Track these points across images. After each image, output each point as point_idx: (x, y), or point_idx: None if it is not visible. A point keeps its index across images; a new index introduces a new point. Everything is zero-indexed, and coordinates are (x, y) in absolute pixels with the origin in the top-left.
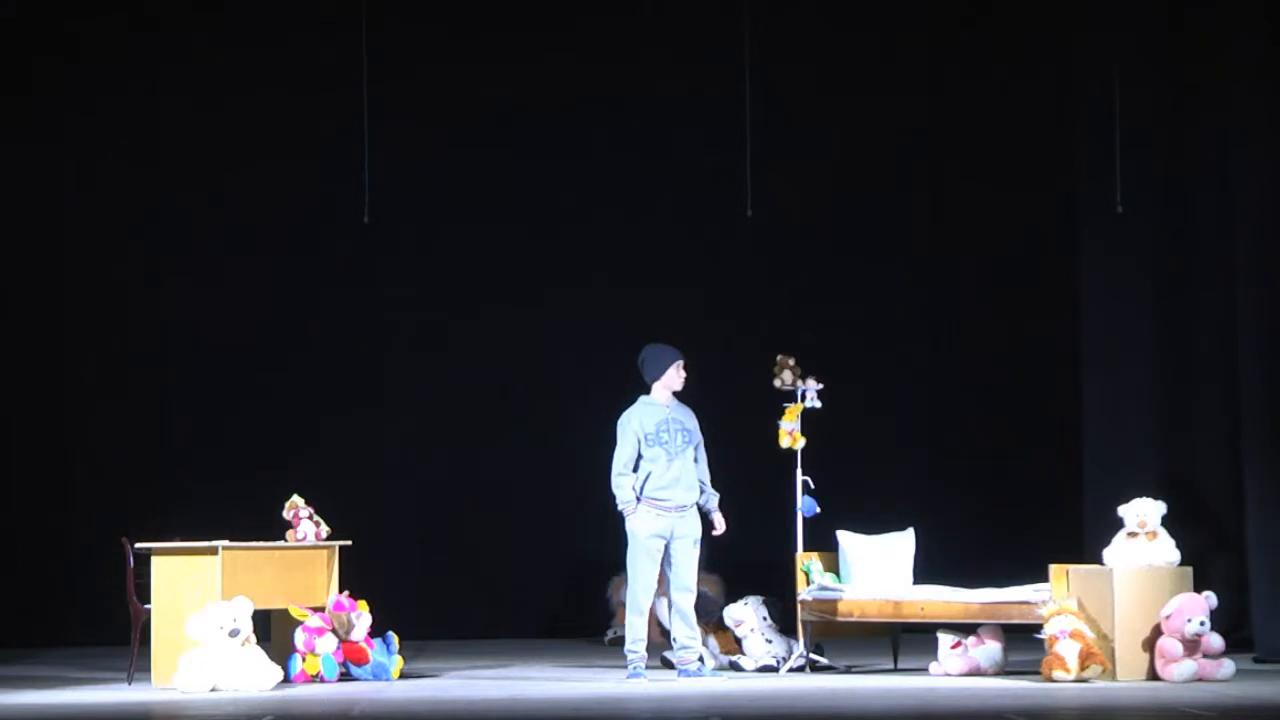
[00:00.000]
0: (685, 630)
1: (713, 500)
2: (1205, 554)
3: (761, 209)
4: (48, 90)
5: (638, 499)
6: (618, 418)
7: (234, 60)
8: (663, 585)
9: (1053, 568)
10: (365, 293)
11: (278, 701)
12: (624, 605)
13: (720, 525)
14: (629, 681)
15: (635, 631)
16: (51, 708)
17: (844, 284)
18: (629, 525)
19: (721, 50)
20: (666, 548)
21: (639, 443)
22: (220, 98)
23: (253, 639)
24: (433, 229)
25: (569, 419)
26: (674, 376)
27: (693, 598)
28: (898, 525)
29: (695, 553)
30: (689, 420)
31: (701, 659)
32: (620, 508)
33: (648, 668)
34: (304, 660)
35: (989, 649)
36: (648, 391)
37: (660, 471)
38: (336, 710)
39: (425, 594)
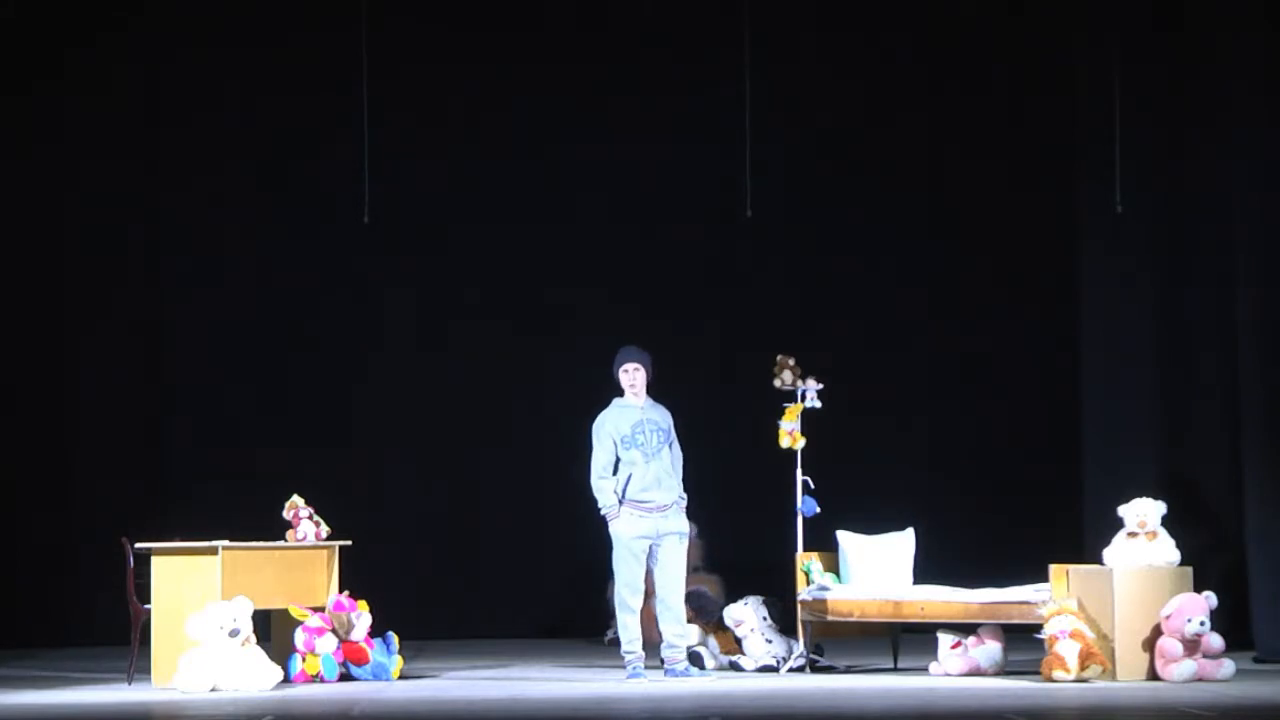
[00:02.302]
0: (675, 629)
1: (679, 504)
2: (1205, 554)
3: (761, 209)
4: (47, 90)
5: (620, 501)
6: None
7: (234, 60)
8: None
9: (1053, 568)
10: (365, 293)
11: (278, 701)
12: None
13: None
14: (629, 682)
15: (629, 632)
16: (51, 708)
17: (844, 284)
18: (612, 529)
19: (721, 50)
20: (652, 548)
21: (615, 446)
22: (220, 97)
23: (253, 639)
24: (433, 229)
25: (568, 418)
26: (621, 379)
27: (681, 595)
28: (898, 525)
29: (683, 548)
30: (664, 419)
31: (696, 659)
32: (603, 512)
33: (647, 667)
34: (304, 660)
35: (989, 649)
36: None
37: (640, 473)
38: (336, 710)
39: (425, 594)
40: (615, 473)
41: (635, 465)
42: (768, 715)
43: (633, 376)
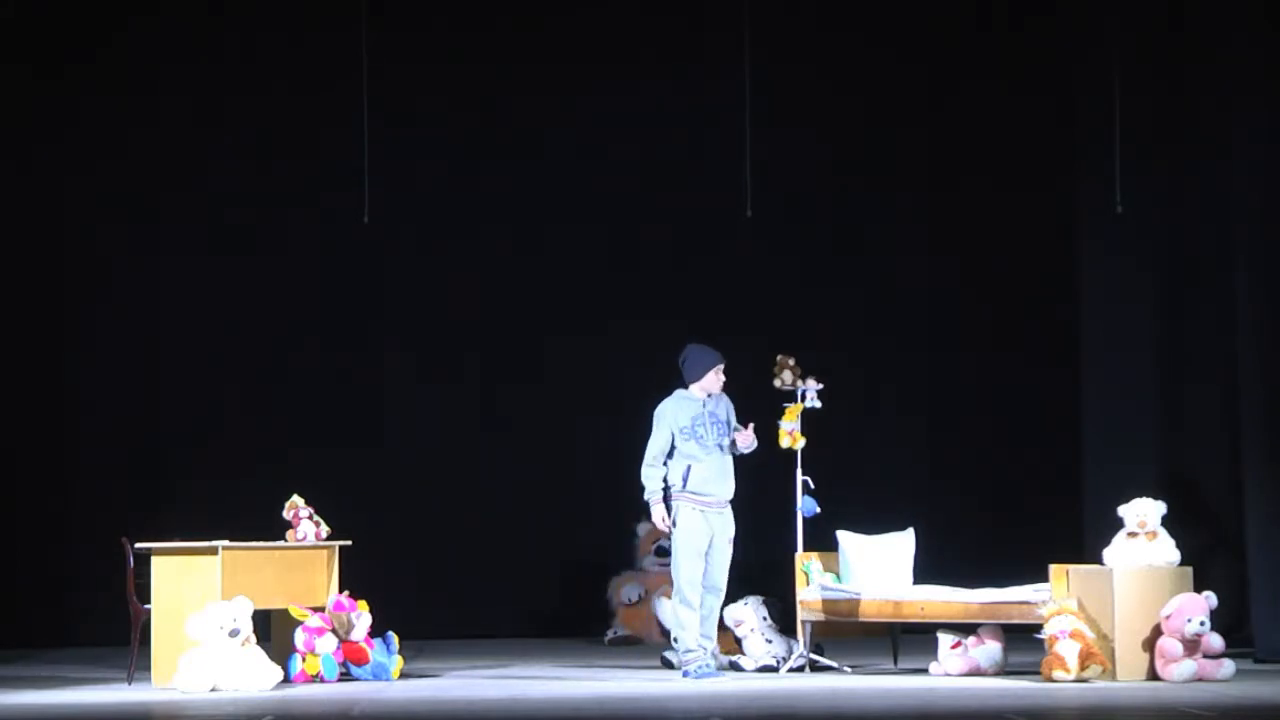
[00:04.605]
0: (704, 630)
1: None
2: (1205, 554)
3: (761, 209)
4: (46, 90)
5: (681, 490)
6: (618, 417)
7: (234, 60)
8: (663, 584)
9: (1053, 568)
10: (365, 293)
11: (278, 701)
12: (624, 605)
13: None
14: (702, 681)
15: (691, 631)
16: (51, 708)
17: (844, 284)
18: (678, 520)
19: (722, 50)
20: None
21: (673, 436)
22: (220, 98)
23: (253, 639)
24: (433, 229)
25: (569, 418)
26: (712, 380)
27: (721, 599)
28: (898, 525)
29: (729, 552)
30: (724, 412)
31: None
32: (645, 498)
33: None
34: (304, 660)
35: (989, 649)
36: (684, 386)
37: (700, 466)
38: (336, 710)
39: (425, 594)
40: (669, 462)
41: (695, 458)
42: (768, 715)
43: (719, 381)
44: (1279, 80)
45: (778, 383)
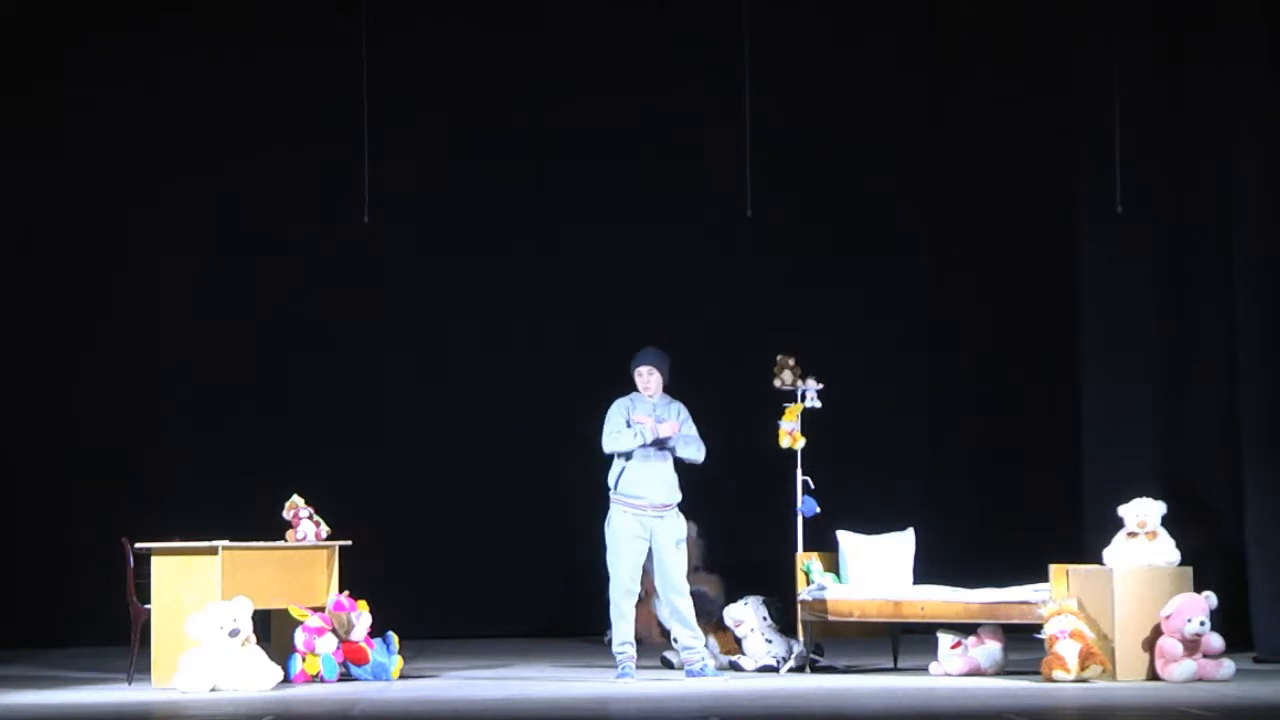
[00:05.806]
0: (686, 631)
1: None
2: (1205, 554)
3: (761, 209)
4: (47, 91)
5: (614, 491)
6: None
7: (233, 60)
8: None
9: (1053, 568)
10: (365, 293)
11: (278, 701)
12: None
13: (668, 430)
14: (619, 682)
15: (620, 634)
16: (51, 708)
17: (844, 284)
18: (607, 525)
19: (722, 51)
20: (651, 551)
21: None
22: (219, 97)
23: (253, 639)
24: (433, 229)
25: (569, 418)
26: (640, 381)
27: (688, 599)
28: (898, 525)
29: (681, 554)
30: (674, 418)
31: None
32: (637, 438)
33: (640, 667)
34: (304, 660)
35: (989, 649)
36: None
37: (634, 468)
38: (336, 710)
39: (425, 594)
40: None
41: (630, 460)
42: (768, 715)
43: (646, 380)
44: (1279, 79)
45: (778, 383)
